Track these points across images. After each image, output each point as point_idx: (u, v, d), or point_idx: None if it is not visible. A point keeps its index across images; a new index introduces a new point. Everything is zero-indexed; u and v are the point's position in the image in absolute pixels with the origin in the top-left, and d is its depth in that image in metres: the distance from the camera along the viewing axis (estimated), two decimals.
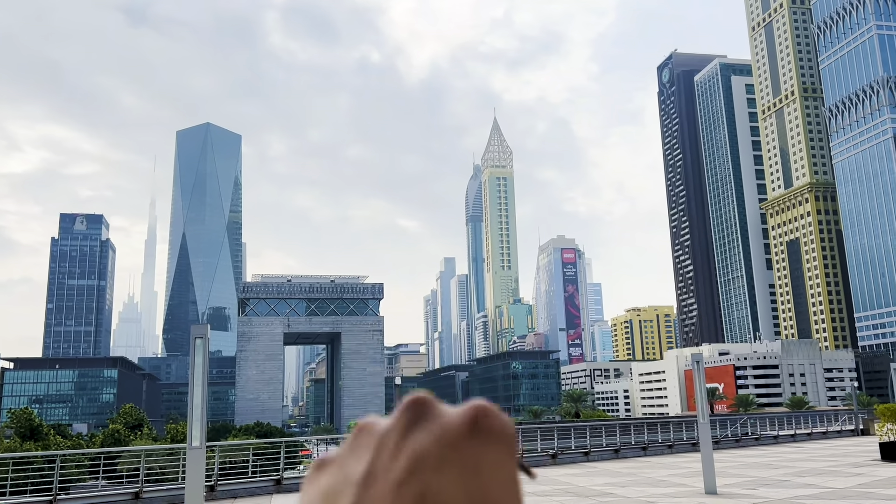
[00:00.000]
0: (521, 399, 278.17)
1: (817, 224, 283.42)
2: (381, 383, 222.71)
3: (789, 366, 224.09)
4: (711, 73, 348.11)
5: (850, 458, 37.09)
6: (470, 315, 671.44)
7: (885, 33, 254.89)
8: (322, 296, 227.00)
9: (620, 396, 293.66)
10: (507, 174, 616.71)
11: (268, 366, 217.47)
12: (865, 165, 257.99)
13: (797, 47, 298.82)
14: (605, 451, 40.75)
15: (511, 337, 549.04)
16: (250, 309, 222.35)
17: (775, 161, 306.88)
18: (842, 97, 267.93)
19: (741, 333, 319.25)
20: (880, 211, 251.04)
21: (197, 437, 14.68)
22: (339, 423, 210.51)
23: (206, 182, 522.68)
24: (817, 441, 53.34)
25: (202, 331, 15.22)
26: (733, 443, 49.27)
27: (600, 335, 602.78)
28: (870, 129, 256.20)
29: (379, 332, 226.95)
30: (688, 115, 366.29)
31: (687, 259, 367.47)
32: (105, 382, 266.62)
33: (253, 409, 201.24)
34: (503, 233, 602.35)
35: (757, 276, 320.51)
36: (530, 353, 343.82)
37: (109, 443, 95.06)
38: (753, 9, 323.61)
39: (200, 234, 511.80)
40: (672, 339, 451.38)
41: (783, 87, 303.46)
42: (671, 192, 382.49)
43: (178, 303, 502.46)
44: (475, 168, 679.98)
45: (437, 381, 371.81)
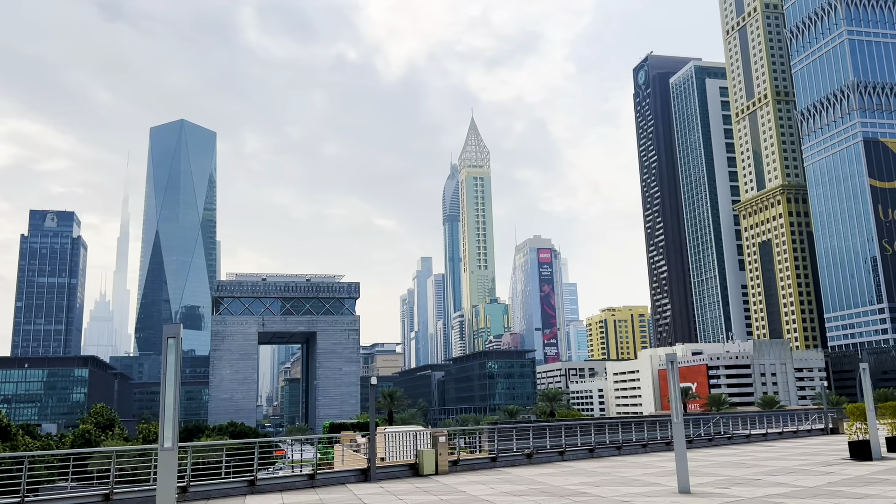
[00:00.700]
0: (497, 398, 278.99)
1: (789, 226, 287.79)
2: (357, 383, 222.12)
3: (761, 365, 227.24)
4: (686, 76, 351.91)
5: (821, 457, 37.67)
6: (446, 314, 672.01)
7: (855, 38, 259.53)
8: (297, 295, 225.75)
9: (595, 396, 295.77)
10: (484, 174, 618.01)
11: (242, 365, 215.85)
12: (836, 168, 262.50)
13: (770, 51, 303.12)
14: (581, 450, 40.96)
15: (487, 336, 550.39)
16: (224, 308, 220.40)
17: (748, 163, 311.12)
18: (813, 101, 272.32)
19: (714, 333, 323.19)
20: (850, 213, 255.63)
21: (169, 438, 14.46)
22: (313, 422, 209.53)
23: (181, 179, 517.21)
24: (788, 440, 54.13)
25: (175, 330, 15.00)
26: (706, 442, 49.81)
27: (575, 335, 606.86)
28: (840, 133, 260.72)
29: (355, 332, 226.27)
30: (663, 117, 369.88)
31: (661, 259, 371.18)
32: (75, 382, 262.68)
33: (227, 409, 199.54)
34: (480, 232, 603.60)
35: (730, 277, 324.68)
36: (506, 353, 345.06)
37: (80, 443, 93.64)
38: (728, 13, 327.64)
39: (174, 232, 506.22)
40: (646, 339, 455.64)
41: (756, 91, 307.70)
42: (646, 192, 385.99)
43: (151, 301, 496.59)
44: (452, 168, 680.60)
45: (413, 381, 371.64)
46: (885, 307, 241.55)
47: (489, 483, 29.39)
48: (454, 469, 34.07)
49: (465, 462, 35.34)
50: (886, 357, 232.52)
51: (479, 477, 31.87)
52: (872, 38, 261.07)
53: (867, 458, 34.11)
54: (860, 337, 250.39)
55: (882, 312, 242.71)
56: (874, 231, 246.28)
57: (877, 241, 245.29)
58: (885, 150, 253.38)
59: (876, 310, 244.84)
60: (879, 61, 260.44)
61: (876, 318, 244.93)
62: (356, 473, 31.32)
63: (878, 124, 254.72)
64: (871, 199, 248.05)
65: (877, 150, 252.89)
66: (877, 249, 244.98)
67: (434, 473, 32.56)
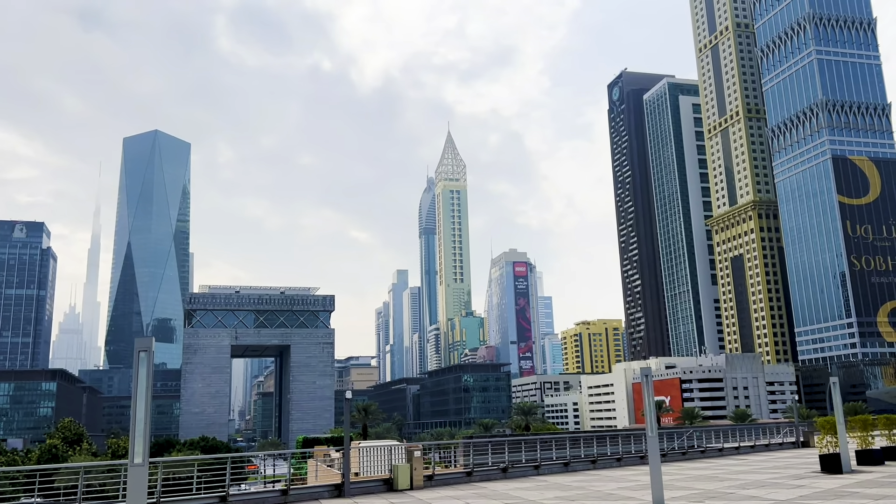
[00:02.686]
0: (472, 412, 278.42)
1: (760, 241, 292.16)
2: (331, 397, 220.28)
3: (733, 379, 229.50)
4: (660, 93, 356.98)
5: (792, 471, 38.04)
6: (422, 328, 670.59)
7: (824, 58, 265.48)
8: (271, 307, 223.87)
9: (570, 409, 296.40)
10: (460, 187, 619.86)
11: (214, 378, 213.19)
12: (805, 185, 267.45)
13: (742, 69, 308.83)
14: (556, 464, 40.95)
15: (463, 350, 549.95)
16: (197, 320, 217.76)
17: (720, 179, 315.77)
18: (783, 118, 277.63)
19: (687, 347, 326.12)
20: (819, 229, 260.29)
21: (139, 454, 14.17)
22: (287, 437, 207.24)
23: (154, 190, 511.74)
24: (760, 453, 54.63)
25: (147, 343, 14.75)
26: (680, 455, 50.08)
27: (550, 348, 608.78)
28: (810, 150, 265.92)
29: (329, 345, 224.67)
30: (637, 133, 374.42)
31: (635, 273, 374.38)
32: (43, 396, 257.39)
33: (198, 423, 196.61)
34: (456, 246, 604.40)
35: (702, 291, 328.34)
36: (481, 366, 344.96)
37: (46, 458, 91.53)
38: (700, 31, 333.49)
39: (146, 244, 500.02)
40: (620, 353, 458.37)
41: (728, 108, 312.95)
42: (620, 207, 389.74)
43: (122, 313, 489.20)
44: (429, 180, 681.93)
45: (388, 395, 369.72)
46: (854, 322, 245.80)
47: (464, 498, 29.23)
48: (429, 484, 33.85)
49: (440, 476, 35.14)
50: (855, 371, 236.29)
51: (455, 492, 31.69)
52: (840, 58, 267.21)
53: (837, 472, 34.52)
54: (829, 351, 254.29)
55: (850, 327, 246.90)
56: (843, 247, 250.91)
57: (845, 257, 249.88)
58: (853, 167, 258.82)
59: (844, 324, 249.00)
60: (847, 81, 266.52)
61: (844, 333, 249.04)
62: (330, 489, 30.98)
63: (846, 142, 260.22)
64: (840, 215, 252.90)
65: (845, 167, 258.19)
66: (845, 265, 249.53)
67: (409, 488, 32.32)
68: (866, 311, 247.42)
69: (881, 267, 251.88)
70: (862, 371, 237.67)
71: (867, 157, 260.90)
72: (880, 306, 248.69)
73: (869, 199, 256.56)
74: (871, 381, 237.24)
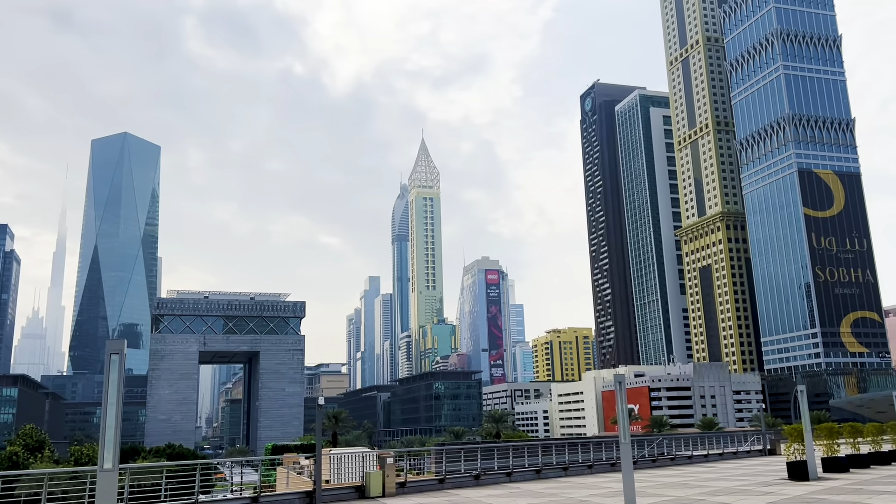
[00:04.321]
0: (443, 419, 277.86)
1: (728, 252, 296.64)
2: (301, 404, 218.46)
3: (701, 388, 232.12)
4: (631, 104, 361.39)
5: (760, 478, 38.51)
6: (394, 335, 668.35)
7: (791, 73, 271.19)
8: (240, 313, 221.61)
9: (540, 417, 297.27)
10: (433, 195, 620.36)
11: (181, 385, 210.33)
12: (772, 197, 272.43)
13: (711, 83, 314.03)
14: (528, 471, 40.96)
15: (434, 357, 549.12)
16: (164, 326, 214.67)
17: (690, 190, 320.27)
18: (751, 132, 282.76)
19: (656, 356, 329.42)
20: (785, 241, 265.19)
21: (109, 459, 13.83)
22: (255, 444, 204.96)
23: (122, 193, 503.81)
24: (729, 461, 55.25)
25: (119, 346, 14.44)
26: (650, 463, 50.44)
27: (521, 356, 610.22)
28: (777, 163, 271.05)
29: (299, 352, 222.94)
30: (608, 143, 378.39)
31: (605, 282, 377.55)
32: (3, 402, 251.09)
33: (164, 431, 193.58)
34: (429, 253, 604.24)
35: (671, 301, 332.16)
36: (453, 374, 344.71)
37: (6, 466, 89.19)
38: (671, 44, 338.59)
39: (113, 248, 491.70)
40: (590, 361, 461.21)
41: (698, 120, 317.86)
42: (591, 216, 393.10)
43: (87, 318, 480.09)
44: (402, 187, 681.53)
45: (359, 402, 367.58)
46: (818, 332, 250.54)
47: None
48: (401, 491, 33.63)
49: (412, 484, 34.94)
50: (818, 380, 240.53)
51: (427, 499, 31.52)
52: (806, 74, 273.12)
53: (804, 479, 35.03)
54: (794, 361, 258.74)
55: (815, 337, 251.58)
56: (808, 258, 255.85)
57: (810, 268, 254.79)
58: (819, 180, 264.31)
59: (809, 335, 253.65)
60: (813, 96, 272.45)
61: (809, 343, 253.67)
62: (301, 496, 30.61)
63: (811, 156, 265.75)
64: (806, 227, 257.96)
65: (811, 180, 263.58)
66: (810, 276, 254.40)
67: (381, 496, 32.08)
68: (830, 321, 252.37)
69: (844, 278, 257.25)
70: (826, 380, 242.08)
71: (832, 170, 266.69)
72: (843, 317, 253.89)
73: (833, 211, 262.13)
74: (834, 390, 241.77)
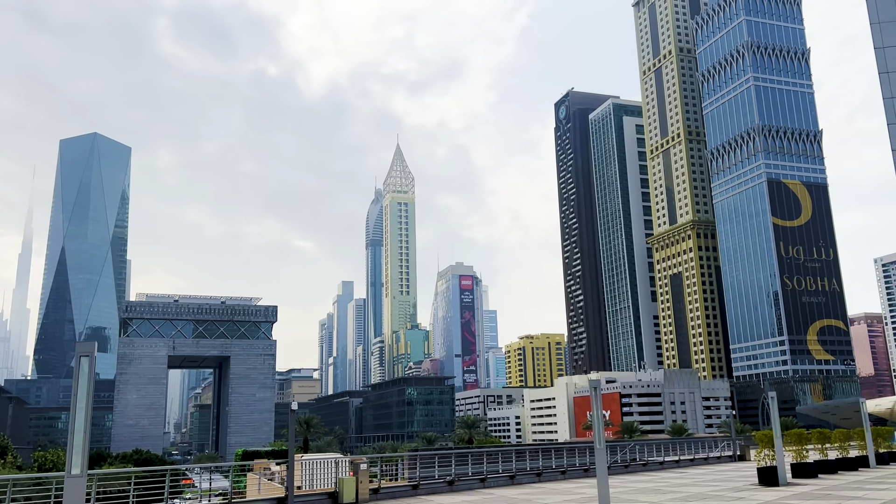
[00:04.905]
0: (416, 425, 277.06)
1: (698, 260, 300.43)
2: (272, 409, 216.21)
3: (671, 394, 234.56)
4: (605, 113, 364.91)
5: (731, 483, 38.85)
6: (366, 340, 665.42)
7: (761, 85, 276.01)
8: (211, 317, 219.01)
9: (512, 423, 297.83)
10: (408, 199, 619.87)
11: (150, 390, 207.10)
12: (742, 206, 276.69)
13: (683, 93, 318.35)
14: (501, 477, 40.88)
15: (407, 363, 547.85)
16: (133, 329, 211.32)
17: (661, 198, 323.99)
18: (722, 142, 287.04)
19: (627, 362, 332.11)
20: (754, 250, 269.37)
21: (78, 465, 13.43)
22: (224, 450, 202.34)
23: (91, 194, 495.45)
24: (700, 467, 55.73)
25: (88, 348, 14.05)
26: (623, 468, 50.67)
27: (494, 361, 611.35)
28: (746, 173, 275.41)
29: (271, 357, 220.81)
30: (582, 151, 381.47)
31: (578, 289, 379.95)
32: None
33: (132, 436, 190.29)
34: (403, 258, 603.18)
35: (642, 307, 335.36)
36: (426, 379, 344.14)
37: None
38: (645, 54, 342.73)
39: (82, 249, 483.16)
40: (563, 367, 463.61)
41: (670, 130, 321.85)
42: (564, 223, 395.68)
43: (53, 321, 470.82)
44: (377, 192, 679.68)
45: (331, 408, 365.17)
46: (785, 339, 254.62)
47: None
48: (375, 497, 33.34)
49: (385, 490, 34.66)
50: (785, 387, 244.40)
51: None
52: (776, 86, 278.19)
53: (774, 484, 35.41)
54: (762, 368, 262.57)
55: (782, 344, 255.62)
56: (776, 267, 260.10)
57: (778, 277, 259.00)
58: (787, 190, 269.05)
59: (777, 342, 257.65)
60: (782, 107, 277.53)
61: (776, 350, 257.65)
62: (273, 503, 30.19)
63: (780, 166, 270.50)
64: (774, 236, 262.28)
65: (779, 190, 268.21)
66: (778, 284, 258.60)
67: (354, 502, 31.75)
68: (797, 329, 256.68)
69: (811, 287, 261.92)
70: (792, 387, 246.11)
71: (800, 181, 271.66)
72: (810, 325, 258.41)
73: (801, 221, 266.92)
74: (800, 397, 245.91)
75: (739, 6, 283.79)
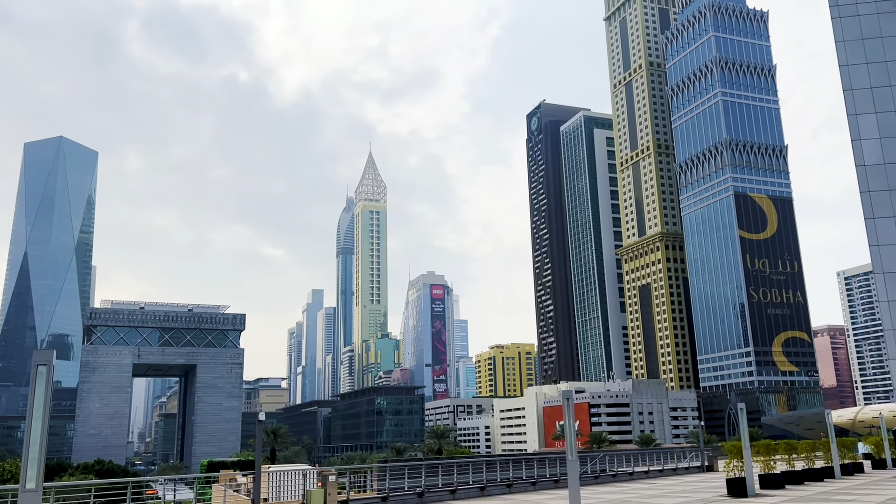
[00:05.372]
0: (385, 435, 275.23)
1: (666, 271, 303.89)
2: (238, 419, 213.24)
3: (639, 404, 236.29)
4: (576, 125, 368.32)
5: (700, 494, 39.00)
6: (336, 349, 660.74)
7: (728, 100, 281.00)
8: (177, 325, 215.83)
9: (482, 432, 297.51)
10: (380, 208, 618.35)
11: (113, 398, 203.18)
12: (709, 219, 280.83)
13: (653, 106, 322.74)
14: (472, 488, 40.56)
15: (377, 372, 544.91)
16: (97, 337, 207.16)
17: (631, 210, 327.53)
18: (690, 155, 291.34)
19: (596, 372, 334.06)
20: (721, 262, 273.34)
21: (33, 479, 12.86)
22: (189, 461, 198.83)
23: (56, 199, 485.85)
24: (669, 477, 55.97)
25: (47, 357, 13.50)
26: (593, 479, 50.67)
27: (464, 371, 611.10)
28: (714, 186, 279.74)
29: (238, 366, 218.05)
30: (553, 163, 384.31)
31: (548, 299, 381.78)
32: None
33: (94, 446, 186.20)
34: (374, 266, 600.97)
35: (611, 318, 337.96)
36: (395, 389, 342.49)
37: None
38: (616, 68, 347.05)
39: (45, 255, 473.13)
40: (533, 377, 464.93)
41: (640, 142, 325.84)
42: (535, 234, 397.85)
43: (14, 328, 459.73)
44: (348, 200, 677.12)
45: (299, 417, 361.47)
46: (751, 351, 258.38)
47: None
48: None
49: (354, 502, 34.15)
50: (751, 398, 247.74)
51: None
52: (744, 101, 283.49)
53: (743, 495, 35.59)
54: (728, 378, 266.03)
55: (748, 356, 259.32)
56: (743, 279, 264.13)
57: (745, 289, 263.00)
58: (753, 203, 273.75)
59: (742, 353, 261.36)
60: (749, 122, 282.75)
61: (742, 362, 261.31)
62: None
63: (747, 180, 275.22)
64: (741, 249, 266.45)
65: (746, 203, 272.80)
66: (744, 296, 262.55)
67: None
68: (763, 341, 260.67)
69: (776, 299, 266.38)
70: (758, 398, 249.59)
71: (766, 195, 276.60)
72: (775, 337, 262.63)
73: (767, 234, 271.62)
74: (765, 407, 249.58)
75: (708, 22, 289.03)
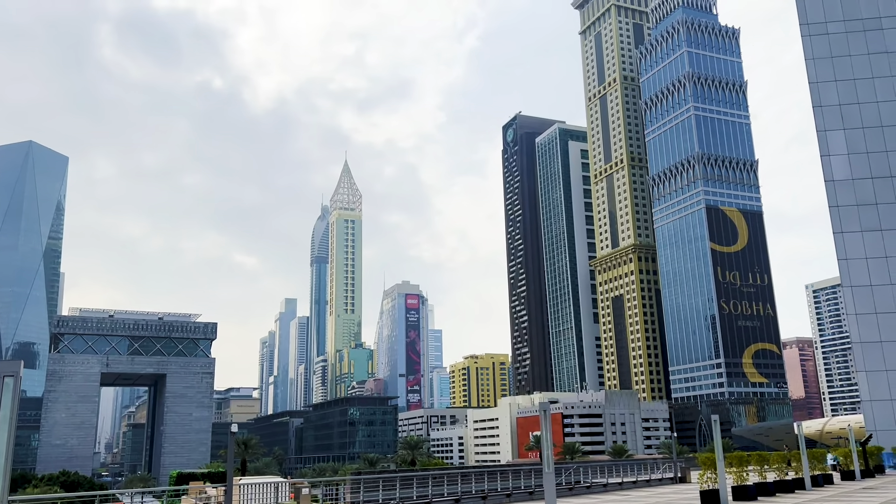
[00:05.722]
0: (358, 446, 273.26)
1: (639, 283, 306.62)
2: (209, 430, 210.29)
3: (611, 415, 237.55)
4: (551, 137, 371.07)
5: None
6: (309, 359, 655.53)
7: (701, 114, 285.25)
8: (147, 334, 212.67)
9: (455, 443, 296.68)
10: (355, 217, 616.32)
11: (80, 408, 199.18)
12: (681, 232, 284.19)
13: (627, 120, 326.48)
14: (446, 500, 40.29)
15: (350, 382, 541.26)
16: (64, 345, 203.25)
17: (604, 222, 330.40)
18: (663, 168, 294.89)
19: (569, 382, 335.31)
20: (693, 274, 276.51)
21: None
22: (158, 472, 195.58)
23: (24, 204, 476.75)
24: (643, 489, 56.13)
25: (14, 367, 13.09)
26: (567, 491, 50.62)
27: (438, 381, 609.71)
28: (686, 199, 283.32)
29: (209, 375, 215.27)
30: (528, 174, 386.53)
31: (522, 309, 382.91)
32: None
33: (59, 457, 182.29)
34: (349, 276, 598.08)
35: (585, 329, 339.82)
36: (369, 399, 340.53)
37: None
38: (590, 81, 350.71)
39: (11, 261, 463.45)
40: (507, 387, 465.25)
41: (614, 155, 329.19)
42: (510, 244, 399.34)
43: None
44: (323, 209, 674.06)
45: (270, 428, 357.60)
46: (722, 362, 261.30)
47: None
48: None
49: None
50: (722, 409, 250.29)
51: None
52: (716, 116, 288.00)
53: None
54: (699, 390, 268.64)
55: (719, 367, 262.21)
56: (714, 291, 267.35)
57: (716, 301, 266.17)
58: (725, 217, 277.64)
59: (713, 364, 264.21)
60: (721, 137, 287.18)
61: (713, 373, 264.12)
62: None
63: (718, 193, 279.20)
64: (712, 261, 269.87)
65: (717, 216, 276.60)
66: (716, 308, 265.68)
67: None
68: (733, 352, 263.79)
69: (747, 311, 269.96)
70: (728, 409, 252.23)
71: (737, 208, 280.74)
72: (745, 348, 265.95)
73: (737, 247, 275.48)
74: (735, 418, 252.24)
75: (681, 38, 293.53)
